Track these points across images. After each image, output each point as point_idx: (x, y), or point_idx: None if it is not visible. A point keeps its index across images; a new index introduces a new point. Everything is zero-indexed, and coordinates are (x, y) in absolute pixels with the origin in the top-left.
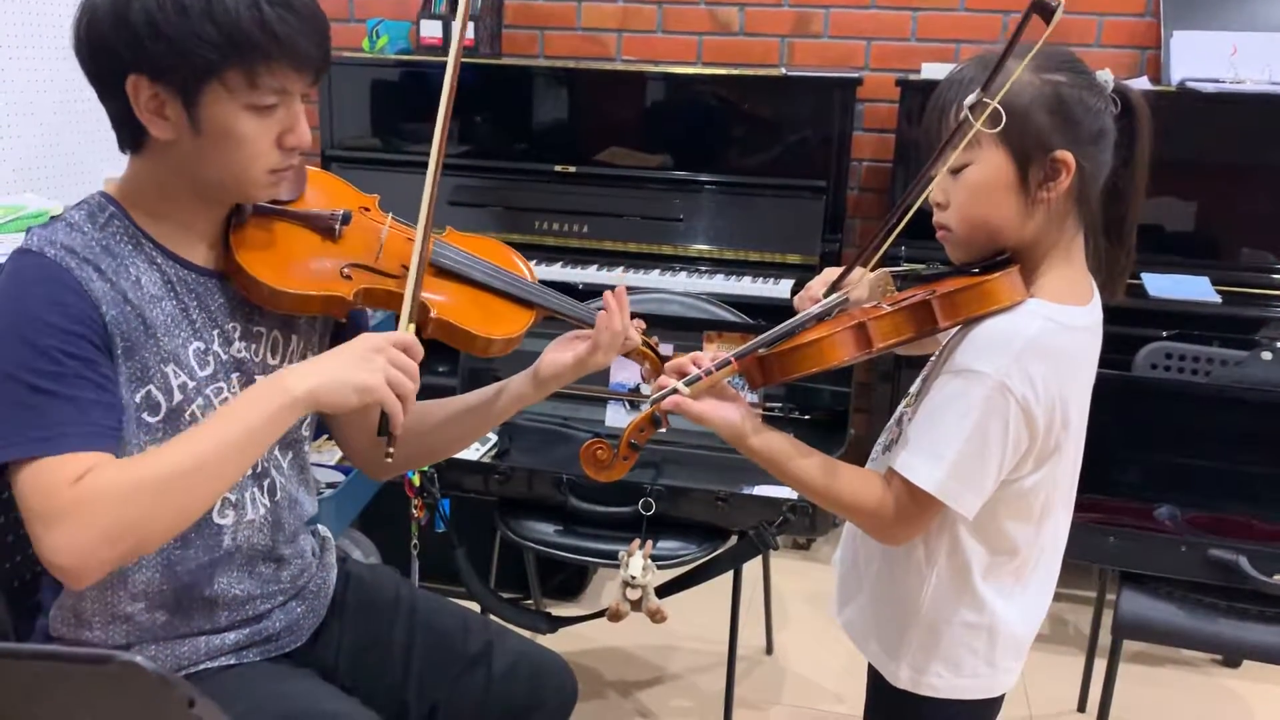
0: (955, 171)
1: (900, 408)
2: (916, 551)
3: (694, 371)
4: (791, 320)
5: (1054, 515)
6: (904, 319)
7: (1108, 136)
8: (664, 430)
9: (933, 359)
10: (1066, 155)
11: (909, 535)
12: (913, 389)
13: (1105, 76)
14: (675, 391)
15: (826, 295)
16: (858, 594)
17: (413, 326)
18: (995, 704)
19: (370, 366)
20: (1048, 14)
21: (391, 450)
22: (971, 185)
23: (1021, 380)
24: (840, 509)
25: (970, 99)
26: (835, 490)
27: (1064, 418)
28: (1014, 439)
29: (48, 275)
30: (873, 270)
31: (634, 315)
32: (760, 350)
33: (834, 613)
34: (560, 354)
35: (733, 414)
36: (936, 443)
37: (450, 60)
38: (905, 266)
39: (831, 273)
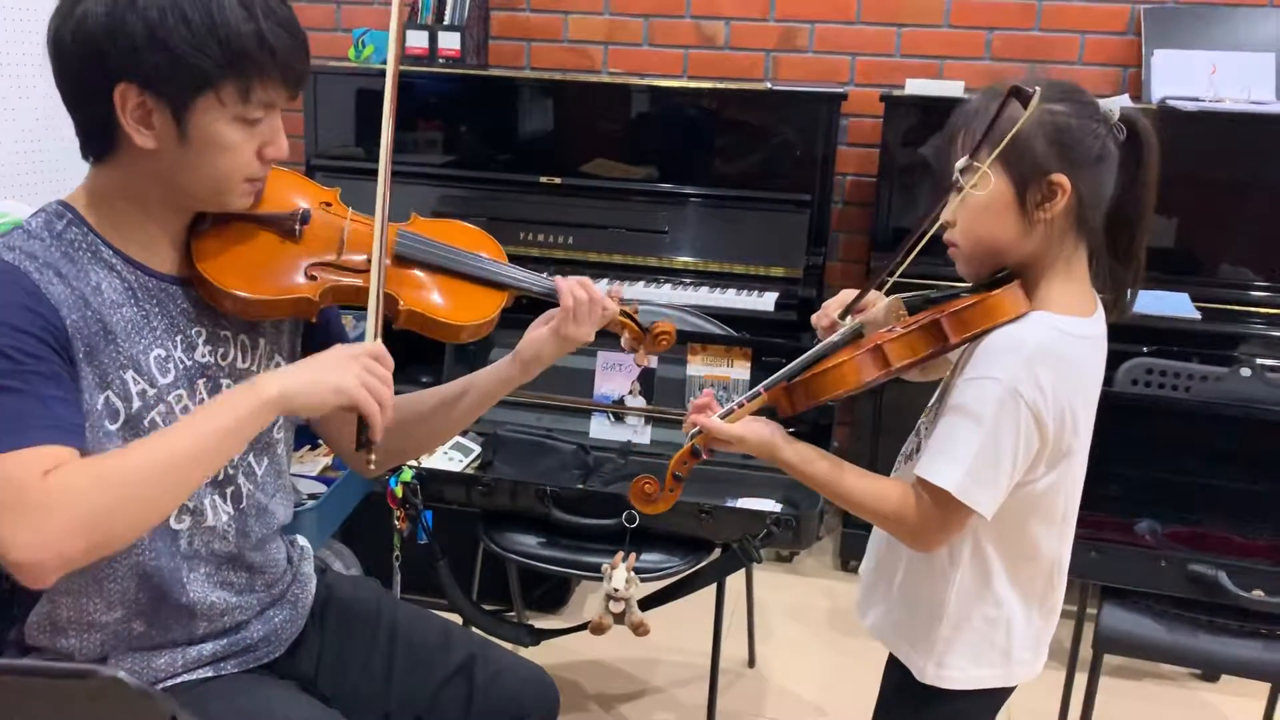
0: (959, 191)
1: (920, 420)
2: (940, 556)
3: (726, 406)
4: (811, 351)
5: (1070, 522)
6: (917, 338)
7: (1107, 161)
8: (706, 458)
9: (946, 379)
10: (1062, 179)
11: (940, 540)
12: (931, 403)
13: (1110, 105)
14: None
15: (841, 317)
16: (884, 599)
17: (379, 339)
18: (1005, 693)
19: (346, 370)
20: (1025, 99)
21: (373, 459)
22: (974, 205)
23: (1031, 386)
24: (868, 514)
25: (961, 163)
26: (860, 496)
27: (1073, 423)
28: (1025, 441)
29: (7, 279)
30: (886, 294)
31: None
32: (786, 380)
33: (858, 617)
34: (537, 329)
35: (765, 430)
36: (954, 446)
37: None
38: (914, 294)
39: (848, 294)
